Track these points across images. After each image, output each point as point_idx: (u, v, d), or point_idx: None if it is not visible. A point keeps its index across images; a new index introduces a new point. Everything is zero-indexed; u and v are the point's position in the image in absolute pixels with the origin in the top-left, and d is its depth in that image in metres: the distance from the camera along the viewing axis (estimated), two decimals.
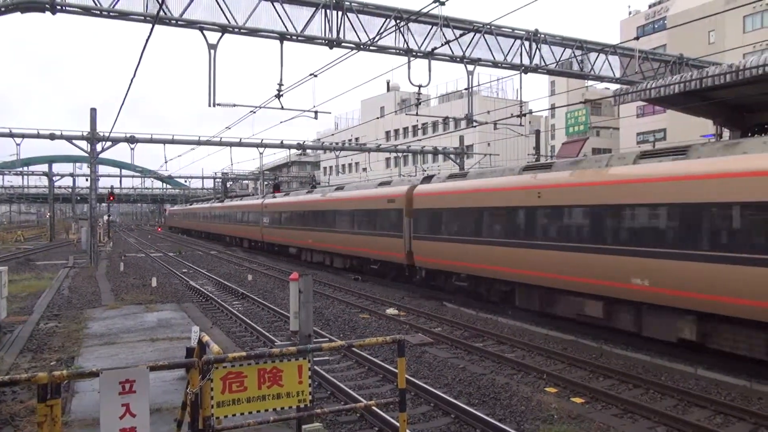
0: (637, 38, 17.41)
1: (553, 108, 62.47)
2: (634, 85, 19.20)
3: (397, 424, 5.90)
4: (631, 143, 49.12)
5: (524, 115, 23.60)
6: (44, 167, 63.09)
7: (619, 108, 47.47)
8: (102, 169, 60.27)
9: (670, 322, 10.89)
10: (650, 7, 54.99)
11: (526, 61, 21.38)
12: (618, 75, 23.96)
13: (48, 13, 15.32)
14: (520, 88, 23.19)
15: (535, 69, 21.79)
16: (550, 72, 23.71)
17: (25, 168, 67.54)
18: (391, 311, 16.68)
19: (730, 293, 9.55)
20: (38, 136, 31.39)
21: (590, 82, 35.30)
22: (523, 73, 21.77)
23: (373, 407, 7.77)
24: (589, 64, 23.28)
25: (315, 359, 6.76)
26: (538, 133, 37.67)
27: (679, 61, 25.08)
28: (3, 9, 14.86)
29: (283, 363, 4.89)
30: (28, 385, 7.86)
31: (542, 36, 21.66)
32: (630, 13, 58.09)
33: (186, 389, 4.80)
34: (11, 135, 31.41)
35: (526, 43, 21.38)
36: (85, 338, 12.64)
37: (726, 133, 20.27)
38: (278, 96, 17.76)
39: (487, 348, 12.38)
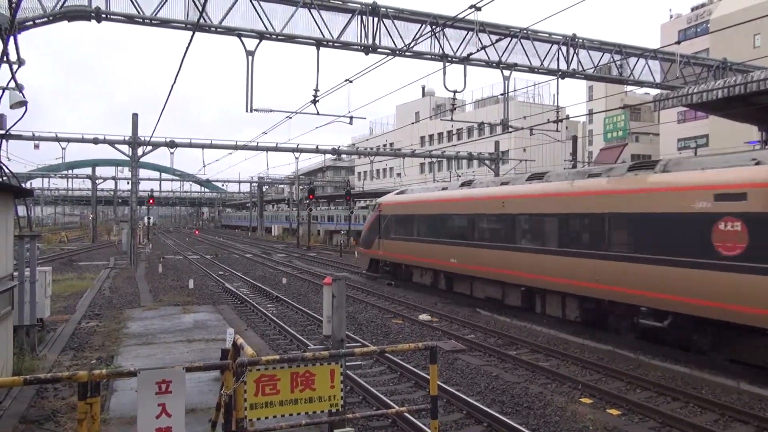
0: (678, 42, 17.11)
1: (590, 113, 61.52)
2: (675, 90, 18.78)
3: None
4: (672, 149, 47.99)
5: (561, 120, 23.28)
6: (88, 170, 64.99)
7: (659, 113, 46.50)
8: (143, 172, 61.80)
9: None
10: (692, 10, 53.71)
11: (563, 66, 21.15)
12: (658, 80, 23.48)
13: (93, 21, 15.83)
14: (557, 93, 22.99)
15: (573, 74, 21.53)
16: (588, 77, 23.38)
17: (70, 171, 69.81)
18: (424, 317, 16.62)
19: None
20: (82, 140, 32.39)
21: (629, 88, 34.70)
22: (560, 79, 21.52)
23: (405, 413, 7.76)
24: (628, 69, 22.88)
25: (347, 364, 6.78)
26: (575, 138, 37.13)
27: (722, 66, 24.44)
28: (51, 18, 15.39)
29: (316, 367, 4.92)
30: (69, 383, 8.09)
31: (580, 40, 21.38)
32: (671, 16, 56.83)
33: (220, 390, 4.87)
34: (57, 139, 32.50)
35: (564, 48, 21.14)
36: (124, 338, 12.94)
37: None
38: (314, 101, 17.94)
39: (520, 356, 12.23)
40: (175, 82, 13.68)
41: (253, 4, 16.74)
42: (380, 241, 24.27)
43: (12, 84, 11.54)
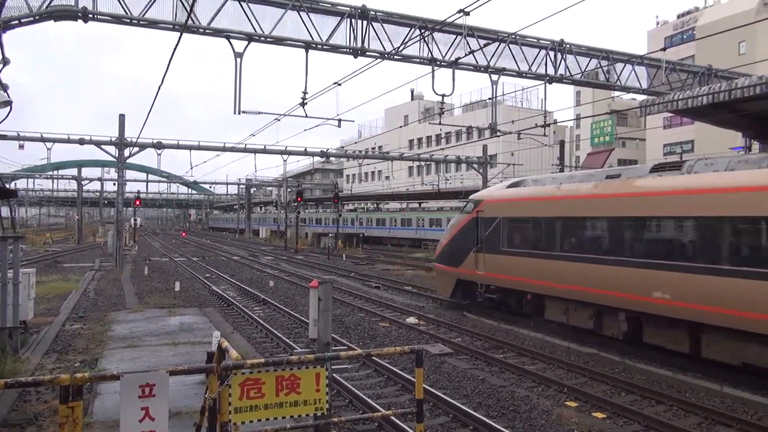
0: (664, 49, 17.24)
1: (578, 118, 61.93)
2: (661, 96, 18.95)
3: None
4: (658, 155, 48.47)
5: (549, 125, 23.44)
6: (73, 171, 64.42)
7: (646, 119, 46.91)
8: (129, 173, 61.41)
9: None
10: (679, 17, 54.31)
11: (551, 71, 21.30)
12: (645, 86, 23.72)
13: (80, 21, 15.71)
14: (545, 97, 23.15)
15: (561, 79, 21.68)
16: (575, 82, 23.56)
17: (55, 172, 69.13)
18: (411, 320, 16.62)
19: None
20: (68, 141, 32.08)
21: (616, 93, 34.97)
22: (548, 83, 21.66)
23: (391, 417, 7.74)
24: (615, 75, 23.09)
25: (333, 367, 6.77)
26: (562, 143, 37.41)
27: (707, 72, 24.74)
28: (37, 17, 15.25)
29: (301, 370, 4.91)
30: (51, 386, 7.99)
31: (568, 46, 21.55)
32: (658, 23, 57.41)
33: (205, 394, 4.84)
34: (42, 140, 32.18)
35: (551, 53, 21.30)
36: (109, 341, 12.82)
37: (756, 145, 19.91)
38: (302, 104, 17.93)
39: (507, 360, 12.26)
40: (162, 82, 13.63)
41: (241, 6, 16.70)
42: (479, 255, 16.87)
43: None
